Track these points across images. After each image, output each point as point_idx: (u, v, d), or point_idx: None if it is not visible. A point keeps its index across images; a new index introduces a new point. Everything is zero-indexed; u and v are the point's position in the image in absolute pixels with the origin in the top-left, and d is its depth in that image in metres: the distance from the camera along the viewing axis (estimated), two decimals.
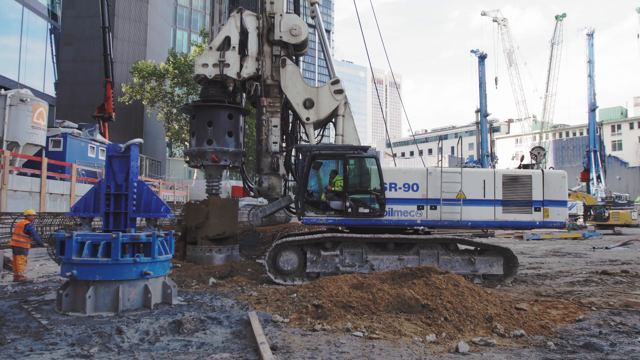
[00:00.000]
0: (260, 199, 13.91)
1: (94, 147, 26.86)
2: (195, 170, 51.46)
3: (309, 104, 12.38)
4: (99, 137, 29.60)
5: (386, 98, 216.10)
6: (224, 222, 12.24)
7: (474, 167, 60.61)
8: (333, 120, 12.72)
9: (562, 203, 10.69)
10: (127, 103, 44.26)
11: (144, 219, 8.47)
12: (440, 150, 48.59)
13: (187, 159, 12.99)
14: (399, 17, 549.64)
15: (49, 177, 20.25)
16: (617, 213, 36.70)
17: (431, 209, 10.46)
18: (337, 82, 12.51)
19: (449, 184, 10.46)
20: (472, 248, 10.70)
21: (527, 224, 10.85)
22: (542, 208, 10.58)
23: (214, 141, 12.29)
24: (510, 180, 10.62)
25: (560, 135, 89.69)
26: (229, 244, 12.50)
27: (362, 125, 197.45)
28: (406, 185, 10.52)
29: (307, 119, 12.34)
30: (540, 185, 10.60)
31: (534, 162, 25.72)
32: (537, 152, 29.44)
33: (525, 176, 10.70)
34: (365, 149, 10.92)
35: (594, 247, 20.71)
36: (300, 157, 11.58)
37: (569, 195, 44.88)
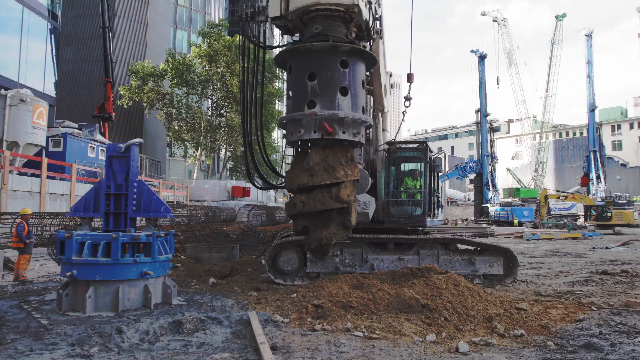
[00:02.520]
0: (261, 199, 13.62)
1: (94, 147, 26.86)
2: (195, 170, 51.56)
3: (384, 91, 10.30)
4: (99, 137, 29.61)
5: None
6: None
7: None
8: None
9: None
10: (125, 106, 44.26)
11: (144, 219, 8.47)
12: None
13: (285, 136, 9.00)
14: (402, 14, 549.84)
15: (49, 177, 20.24)
16: (620, 213, 36.70)
17: None
18: (390, 74, 11.21)
19: None
20: (472, 248, 10.69)
21: None
22: None
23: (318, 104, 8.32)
24: None
25: (560, 135, 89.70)
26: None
27: None
28: None
29: (385, 108, 10.47)
30: None
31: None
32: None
33: None
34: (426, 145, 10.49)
35: (594, 247, 20.71)
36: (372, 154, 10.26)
37: (566, 197, 44.97)
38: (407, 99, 8.15)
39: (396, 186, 10.53)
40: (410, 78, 8.30)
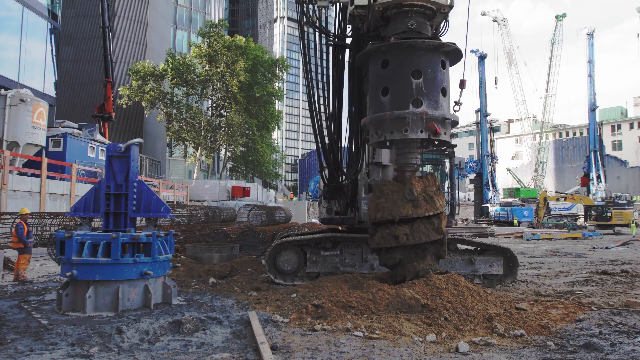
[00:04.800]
0: (261, 199, 13.64)
1: (94, 147, 26.87)
2: (195, 170, 51.59)
3: None
4: (99, 137, 29.63)
5: None
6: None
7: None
8: None
9: None
10: (124, 106, 44.33)
11: (144, 219, 8.46)
12: None
13: (380, 135, 7.84)
14: None
15: (49, 177, 20.24)
16: (620, 213, 36.75)
17: None
18: None
19: None
20: (472, 248, 10.69)
21: None
22: None
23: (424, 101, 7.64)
24: None
25: (560, 135, 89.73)
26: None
27: None
28: None
29: None
30: None
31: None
32: None
33: None
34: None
35: (594, 247, 20.71)
36: None
37: (566, 198, 45.11)
38: (457, 103, 8.18)
39: None
40: (462, 84, 8.30)
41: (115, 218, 7.76)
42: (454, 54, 8.03)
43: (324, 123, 10.69)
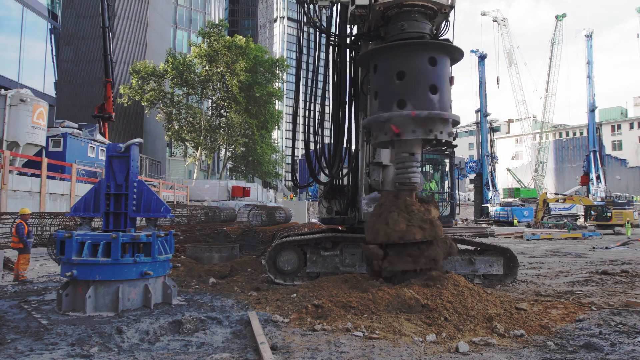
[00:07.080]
0: (261, 199, 13.62)
1: (94, 147, 26.86)
2: (195, 170, 51.57)
3: None
4: (99, 137, 29.62)
5: None
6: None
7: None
8: None
9: None
10: (125, 105, 44.35)
11: (144, 219, 8.46)
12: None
13: (375, 137, 7.97)
14: None
15: (49, 177, 20.23)
16: (620, 213, 36.76)
17: None
18: None
19: None
20: (472, 248, 10.69)
21: None
22: None
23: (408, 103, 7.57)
24: None
25: (560, 135, 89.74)
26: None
27: None
28: None
29: None
30: None
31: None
32: None
33: None
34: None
35: (594, 247, 20.72)
36: None
37: (565, 200, 45.13)
38: None
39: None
40: (451, 81, 8.33)
41: (115, 218, 7.76)
42: (446, 50, 7.87)
43: (312, 122, 10.66)
